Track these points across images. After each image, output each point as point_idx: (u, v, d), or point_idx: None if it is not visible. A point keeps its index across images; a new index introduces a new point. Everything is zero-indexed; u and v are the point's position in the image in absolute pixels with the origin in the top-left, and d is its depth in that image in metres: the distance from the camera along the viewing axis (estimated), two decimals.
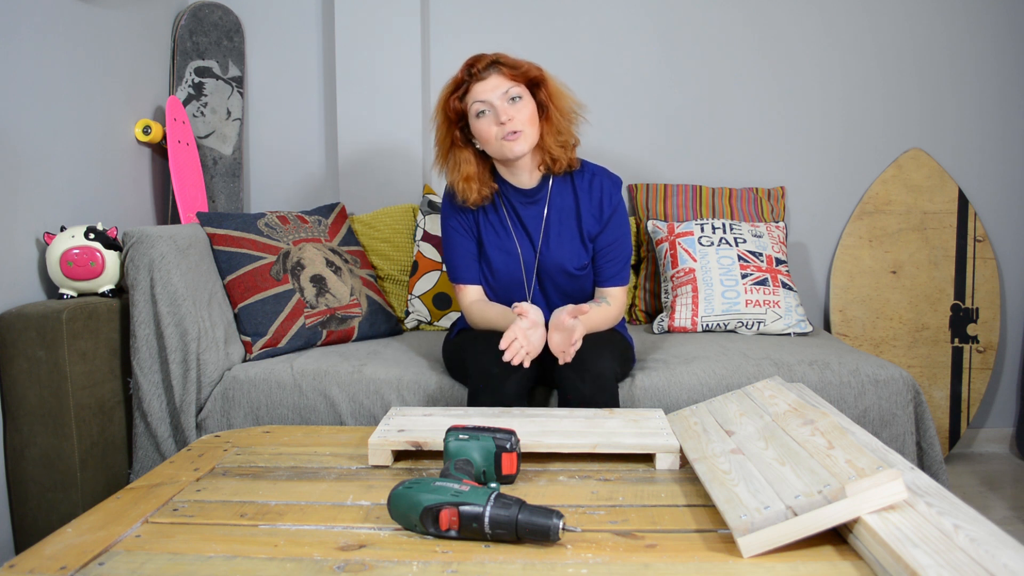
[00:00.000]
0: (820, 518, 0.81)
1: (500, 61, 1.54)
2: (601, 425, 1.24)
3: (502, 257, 1.66)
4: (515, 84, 1.53)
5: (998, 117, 2.48)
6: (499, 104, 1.51)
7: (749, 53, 2.51)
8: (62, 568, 0.83)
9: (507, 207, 1.67)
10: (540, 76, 1.57)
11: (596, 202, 1.65)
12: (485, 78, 1.52)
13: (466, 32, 2.52)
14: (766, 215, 2.38)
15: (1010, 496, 2.19)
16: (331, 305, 1.95)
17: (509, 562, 0.83)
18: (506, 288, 1.68)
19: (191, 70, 2.37)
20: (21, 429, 1.59)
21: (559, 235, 1.65)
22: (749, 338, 1.99)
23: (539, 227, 1.65)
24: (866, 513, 0.81)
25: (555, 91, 1.59)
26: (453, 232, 1.68)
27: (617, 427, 1.23)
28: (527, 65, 1.56)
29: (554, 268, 1.65)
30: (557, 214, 1.66)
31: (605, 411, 1.33)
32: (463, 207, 1.67)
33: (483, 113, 1.53)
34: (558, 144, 1.60)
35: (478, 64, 1.53)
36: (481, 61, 1.53)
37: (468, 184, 1.62)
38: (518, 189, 1.66)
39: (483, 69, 1.52)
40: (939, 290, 2.44)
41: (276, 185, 2.59)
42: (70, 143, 1.87)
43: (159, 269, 1.68)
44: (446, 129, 1.61)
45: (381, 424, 1.26)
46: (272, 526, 0.95)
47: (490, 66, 1.53)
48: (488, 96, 1.52)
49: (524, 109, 1.53)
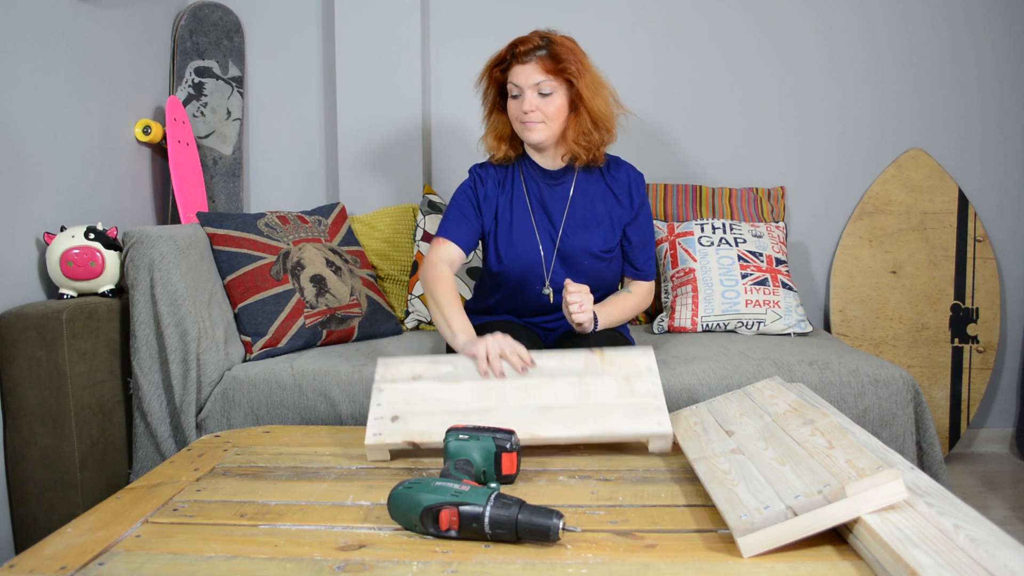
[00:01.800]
0: (820, 518, 0.81)
1: (547, 48, 1.55)
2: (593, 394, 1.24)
3: (520, 237, 1.65)
4: (549, 78, 1.54)
5: (998, 117, 2.48)
6: (528, 93, 1.54)
7: (749, 53, 2.51)
8: (62, 568, 0.83)
9: (529, 187, 1.68)
10: (578, 74, 1.56)
11: (625, 190, 1.68)
12: (525, 63, 1.55)
13: (466, 32, 2.52)
14: (766, 215, 2.38)
15: (1010, 496, 2.19)
16: (331, 305, 1.95)
17: (509, 562, 0.83)
18: (524, 270, 1.66)
19: (191, 70, 2.37)
20: (21, 429, 1.59)
21: (585, 218, 1.66)
22: (749, 338, 1.99)
23: (562, 209, 1.66)
24: (866, 513, 0.81)
25: (590, 92, 1.58)
26: (461, 195, 1.69)
27: (609, 396, 1.24)
28: (570, 59, 1.55)
29: (579, 251, 1.64)
30: (582, 198, 1.67)
31: (596, 360, 1.32)
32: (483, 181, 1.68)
33: (515, 95, 1.57)
34: (582, 143, 1.61)
35: (521, 47, 1.55)
36: (526, 43, 1.55)
37: (497, 143, 1.67)
38: (543, 170, 1.68)
39: (525, 53, 1.54)
40: (939, 290, 2.44)
41: (276, 185, 2.59)
42: (70, 143, 1.87)
43: (159, 269, 1.68)
44: (487, 90, 1.66)
45: (372, 405, 1.25)
46: (272, 526, 0.95)
47: (533, 51, 1.54)
48: (521, 81, 1.55)
49: (552, 103, 1.56)
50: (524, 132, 1.59)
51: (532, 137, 1.59)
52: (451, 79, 2.55)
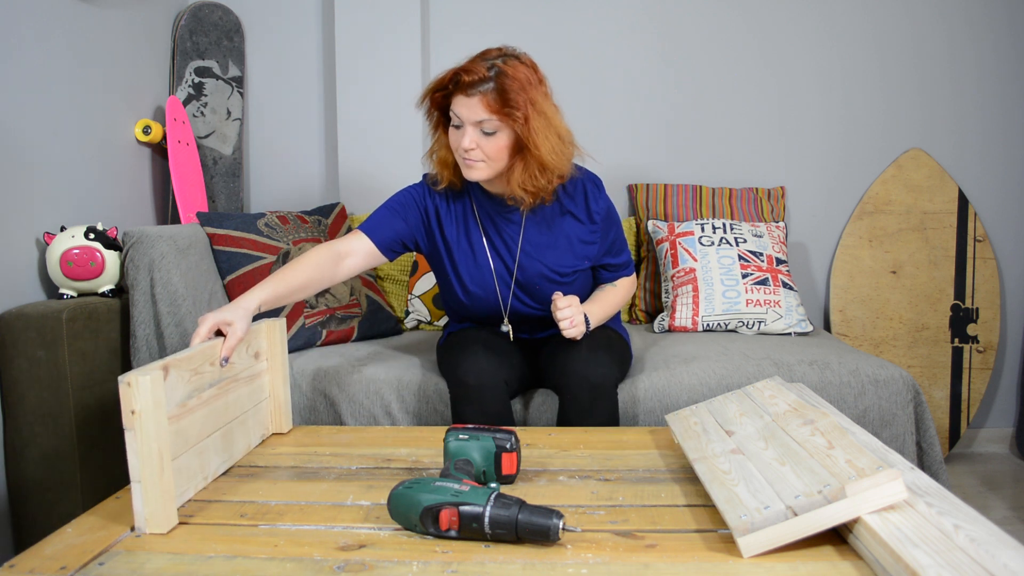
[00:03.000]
0: (820, 518, 0.81)
1: (495, 81, 1.36)
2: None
3: (474, 273, 1.56)
4: (493, 117, 1.36)
5: (998, 117, 2.48)
6: (469, 129, 1.39)
7: (749, 53, 2.51)
8: (62, 568, 0.83)
9: (479, 215, 1.56)
10: (524, 119, 1.37)
11: (582, 207, 1.55)
12: (469, 96, 1.37)
13: (466, 32, 2.52)
14: (766, 215, 2.38)
15: (1010, 496, 2.19)
16: (331, 305, 1.95)
17: (509, 562, 0.83)
18: (481, 303, 1.57)
19: (191, 70, 2.37)
20: (21, 429, 1.59)
21: (540, 243, 1.54)
22: (749, 338, 1.99)
23: (516, 236, 1.54)
24: (866, 513, 0.81)
25: (538, 137, 1.39)
26: (405, 196, 1.56)
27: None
28: (519, 99, 1.36)
29: (536, 277, 1.54)
30: (536, 222, 1.55)
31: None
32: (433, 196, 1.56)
33: (456, 125, 1.41)
34: (528, 187, 1.44)
35: (465, 76, 1.36)
36: (471, 74, 1.36)
37: (441, 169, 1.52)
38: (491, 195, 1.54)
39: (469, 85, 1.36)
40: (939, 290, 2.44)
41: (276, 185, 2.59)
42: (70, 143, 1.87)
43: (159, 269, 1.68)
44: (430, 109, 1.49)
45: None
46: (272, 526, 0.95)
47: (478, 84, 1.36)
48: (462, 115, 1.38)
49: (495, 143, 1.39)
50: (463, 168, 1.44)
51: (472, 175, 1.43)
52: None
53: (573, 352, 1.48)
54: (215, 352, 1.13)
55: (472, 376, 1.42)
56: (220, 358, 1.15)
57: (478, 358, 1.45)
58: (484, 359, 1.45)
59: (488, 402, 1.43)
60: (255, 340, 1.28)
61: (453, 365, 1.48)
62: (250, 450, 1.25)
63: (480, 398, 1.42)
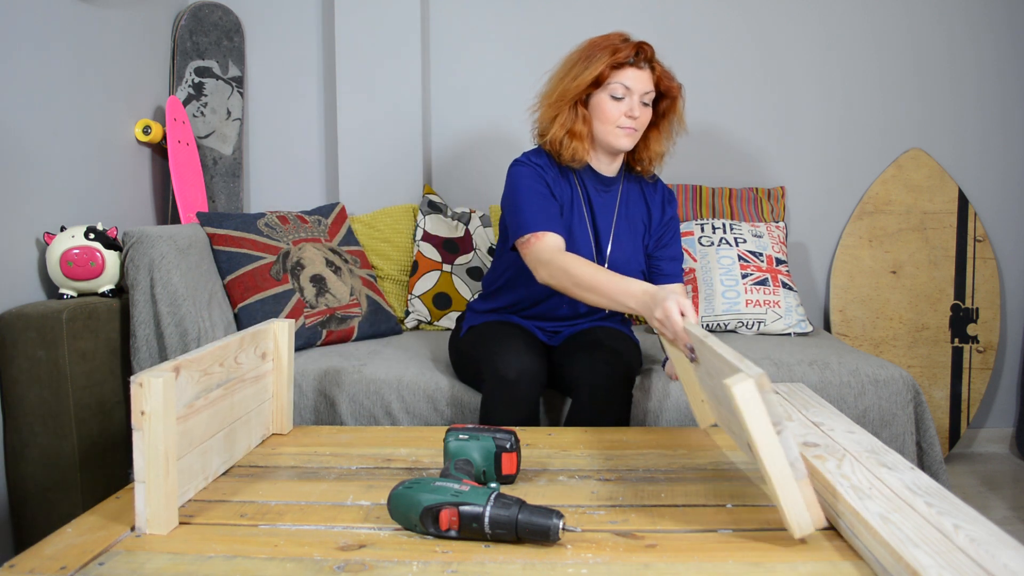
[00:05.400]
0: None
1: (658, 60, 1.53)
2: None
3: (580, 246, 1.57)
4: (655, 90, 1.53)
5: (998, 117, 2.48)
6: (636, 100, 1.50)
7: (749, 52, 2.51)
8: (62, 568, 0.83)
9: (582, 191, 1.60)
10: (677, 96, 1.56)
11: (659, 203, 1.66)
12: (642, 68, 1.50)
13: (467, 30, 2.52)
14: (766, 215, 2.38)
15: (1010, 496, 2.19)
16: (331, 305, 1.95)
17: (509, 562, 0.83)
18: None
19: (191, 70, 2.37)
20: (21, 429, 1.59)
21: (629, 228, 1.63)
22: (749, 338, 1.99)
23: (610, 217, 1.61)
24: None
25: (679, 114, 1.59)
26: (533, 179, 1.52)
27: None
28: (674, 81, 1.56)
29: (623, 263, 1.60)
30: (626, 209, 1.63)
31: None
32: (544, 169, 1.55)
33: (619, 97, 1.49)
34: (652, 155, 1.60)
35: (646, 50, 1.50)
36: (647, 49, 1.50)
37: (572, 140, 1.52)
38: (597, 174, 1.61)
39: (646, 59, 1.50)
40: (939, 290, 2.44)
41: (276, 185, 2.59)
42: (70, 143, 1.87)
43: (159, 269, 1.68)
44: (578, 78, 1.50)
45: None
46: (272, 526, 0.95)
47: (651, 59, 1.51)
48: (633, 86, 1.49)
49: (647, 114, 1.53)
50: (617, 137, 1.52)
51: (625, 144, 1.53)
52: (452, 78, 2.55)
53: (588, 354, 1.48)
54: (225, 353, 1.13)
55: (512, 371, 1.39)
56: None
57: (520, 353, 1.42)
58: (526, 354, 1.43)
59: (522, 400, 1.40)
60: (263, 340, 1.28)
61: (490, 356, 1.45)
62: (250, 450, 1.25)
63: (513, 394, 1.40)
